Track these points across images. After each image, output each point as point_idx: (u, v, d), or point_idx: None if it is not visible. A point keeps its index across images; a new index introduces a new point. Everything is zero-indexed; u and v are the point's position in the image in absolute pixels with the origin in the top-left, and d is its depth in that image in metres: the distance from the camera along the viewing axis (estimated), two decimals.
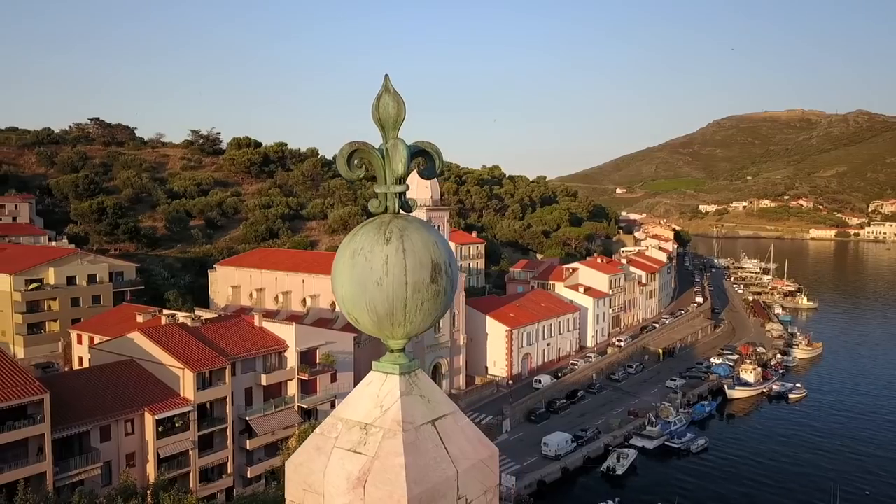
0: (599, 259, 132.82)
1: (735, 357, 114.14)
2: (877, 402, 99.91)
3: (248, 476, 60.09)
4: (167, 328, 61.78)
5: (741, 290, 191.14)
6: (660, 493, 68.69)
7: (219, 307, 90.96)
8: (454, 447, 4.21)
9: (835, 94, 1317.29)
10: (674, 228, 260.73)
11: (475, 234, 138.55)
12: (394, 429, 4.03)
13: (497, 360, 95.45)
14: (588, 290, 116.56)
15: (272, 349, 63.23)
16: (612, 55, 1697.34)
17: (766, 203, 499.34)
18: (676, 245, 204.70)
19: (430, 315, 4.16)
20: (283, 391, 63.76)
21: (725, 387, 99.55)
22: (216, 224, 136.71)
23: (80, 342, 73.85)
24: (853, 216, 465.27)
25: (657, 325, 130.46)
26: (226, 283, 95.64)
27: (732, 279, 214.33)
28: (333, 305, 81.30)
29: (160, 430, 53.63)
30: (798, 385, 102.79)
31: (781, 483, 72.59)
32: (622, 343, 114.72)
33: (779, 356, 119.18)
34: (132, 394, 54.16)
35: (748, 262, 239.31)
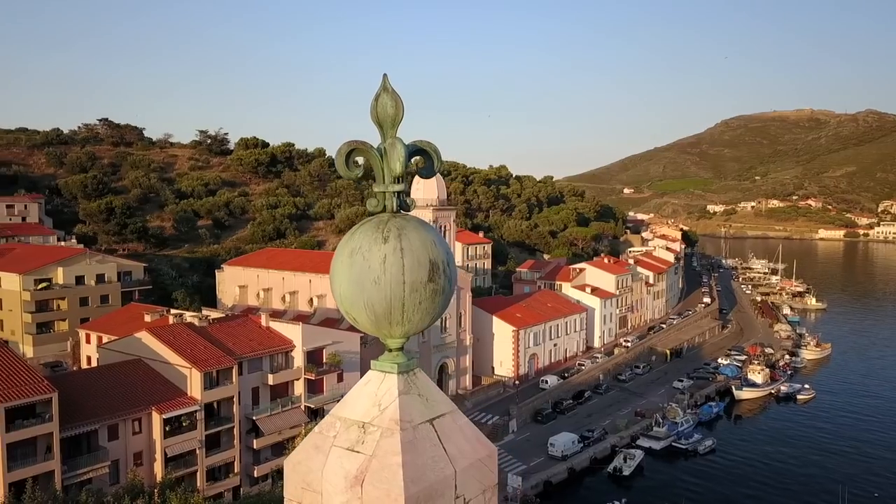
0: (606, 259, 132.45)
1: (743, 358, 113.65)
2: (886, 404, 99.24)
3: (255, 475, 60.27)
4: (175, 328, 62.01)
5: (749, 291, 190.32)
6: (667, 495, 68.48)
7: (226, 307, 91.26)
8: (452, 446, 4.21)
9: (844, 94, 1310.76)
10: (681, 229, 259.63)
11: (482, 235, 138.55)
12: (391, 428, 4.03)
13: (503, 361, 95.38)
14: (595, 291, 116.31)
15: (279, 349, 63.39)
16: (620, 55, 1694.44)
17: (775, 203, 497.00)
18: (684, 245, 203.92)
19: (429, 314, 4.16)
20: (290, 391, 63.92)
21: (733, 388, 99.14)
22: (224, 224, 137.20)
23: (89, 341, 74.26)
24: (862, 216, 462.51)
25: (664, 326, 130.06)
26: (233, 283, 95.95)
27: (740, 280, 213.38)
28: None
29: (167, 430, 53.85)
30: (806, 386, 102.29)
31: (789, 485, 72.25)
32: (629, 343, 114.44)
33: (787, 357, 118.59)
34: (140, 393, 54.40)
35: (756, 263, 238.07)
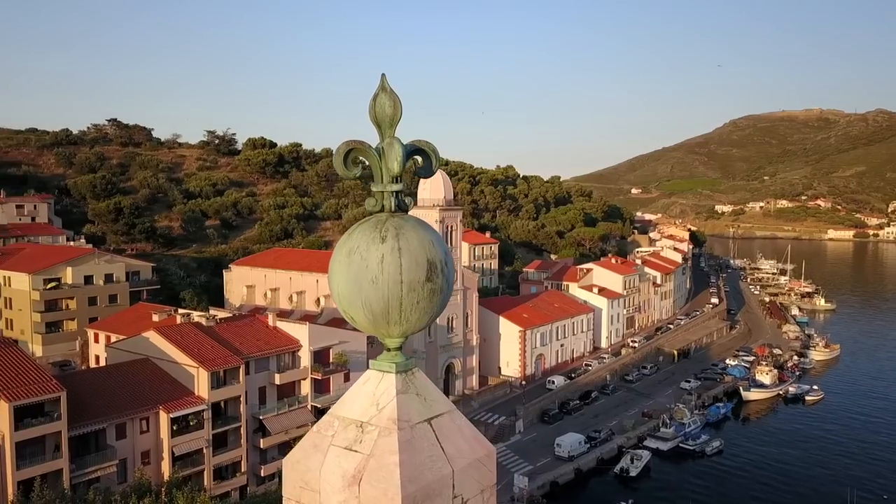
0: (614, 259, 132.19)
1: (751, 359, 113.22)
2: (895, 406, 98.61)
3: (262, 475, 60.47)
4: (182, 327, 62.28)
5: (757, 292, 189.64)
6: (674, 496, 68.32)
7: (233, 307, 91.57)
8: (450, 446, 4.21)
9: (854, 93, 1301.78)
10: (689, 229, 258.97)
11: (489, 235, 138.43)
12: (389, 427, 4.03)
13: (510, 361, 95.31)
14: (602, 291, 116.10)
15: (286, 349, 63.57)
16: (627, 55, 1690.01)
17: (784, 203, 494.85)
18: (692, 246, 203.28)
19: (426, 314, 4.16)
20: (297, 390, 64.10)
21: (741, 388, 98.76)
22: (231, 224, 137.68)
23: (97, 341, 74.69)
24: (872, 216, 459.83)
25: (672, 326, 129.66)
26: (241, 283, 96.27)
27: (749, 280, 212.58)
28: None
29: (175, 429, 54.10)
30: (815, 387, 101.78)
31: (797, 486, 71.91)
32: (636, 344, 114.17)
33: (795, 358, 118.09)
34: (147, 392, 54.66)
35: (765, 263, 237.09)
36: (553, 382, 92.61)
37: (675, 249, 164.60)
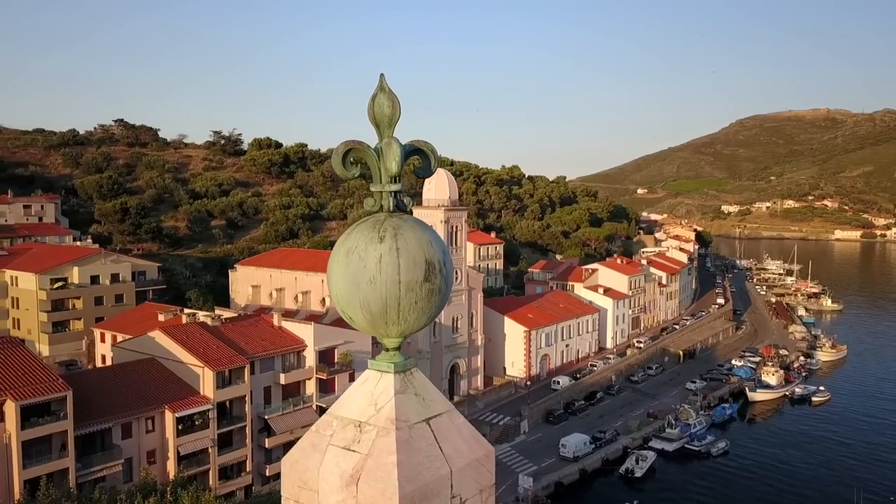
0: (619, 260, 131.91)
1: (757, 359, 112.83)
2: None
3: (267, 474, 60.55)
4: (188, 327, 62.43)
5: (764, 292, 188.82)
6: (679, 497, 68.13)
7: (239, 306, 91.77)
8: (449, 446, 4.21)
9: (861, 93, 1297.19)
10: (695, 229, 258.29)
11: (494, 235, 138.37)
12: (387, 427, 4.03)
13: (515, 361, 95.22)
14: (607, 291, 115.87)
15: (291, 348, 63.66)
16: (634, 55, 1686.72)
17: (790, 204, 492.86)
18: (698, 246, 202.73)
19: (425, 314, 4.16)
20: (302, 390, 64.18)
21: (747, 389, 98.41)
22: (237, 224, 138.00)
23: (103, 340, 74.95)
24: (880, 217, 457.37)
25: (677, 327, 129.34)
26: (246, 283, 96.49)
27: (755, 280, 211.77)
28: None
29: (180, 428, 54.21)
30: (821, 388, 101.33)
31: (803, 487, 71.60)
32: (642, 344, 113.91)
33: (802, 359, 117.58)
34: (153, 392, 54.82)
35: (771, 264, 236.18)
36: (558, 383, 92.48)
37: (681, 250, 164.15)
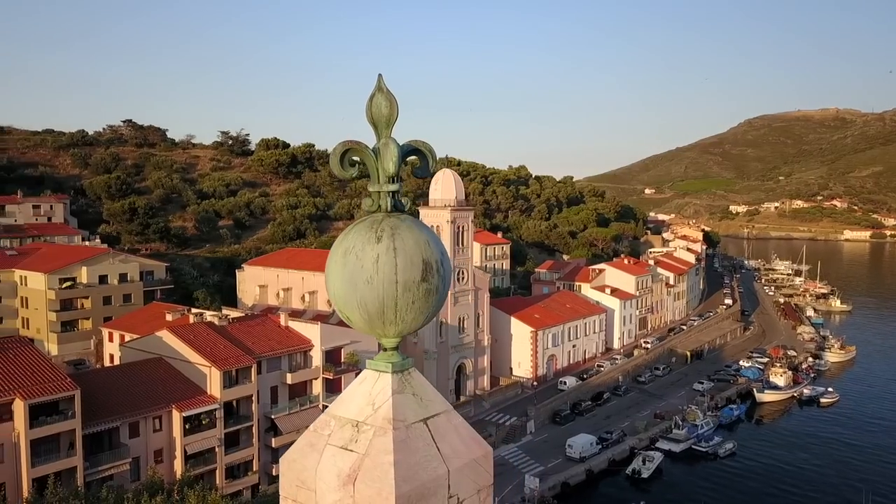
0: (626, 260, 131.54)
1: (765, 360, 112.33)
2: None
3: (273, 473, 60.67)
4: (195, 327, 62.66)
5: (772, 292, 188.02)
6: (685, 498, 67.91)
7: (246, 306, 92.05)
8: (446, 446, 4.21)
9: (870, 93, 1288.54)
10: (703, 229, 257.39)
11: (500, 235, 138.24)
12: (384, 427, 4.04)
13: (522, 362, 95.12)
14: (615, 292, 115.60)
15: (298, 348, 63.82)
16: (642, 55, 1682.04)
17: (799, 204, 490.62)
18: (705, 246, 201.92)
19: (422, 314, 4.17)
20: (308, 390, 64.34)
21: (755, 390, 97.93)
22: (244, 224, 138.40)
23: (111, 340, 75.33)
24: (889, 217, 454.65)
25: (685, 327, 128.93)
26: (253, 283, 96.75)
27: (763, 281, 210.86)
28: None
29: (187, 427, 54.43)
30: (830, 389, 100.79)
31: (811, 489, 71.22)
32: (649, 345, 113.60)
33: (810, 359, 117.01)
34: (160, 391, 55.05)
35: (780, 264, 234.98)
36: (565, 383, 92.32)
37: (689, 250, 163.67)
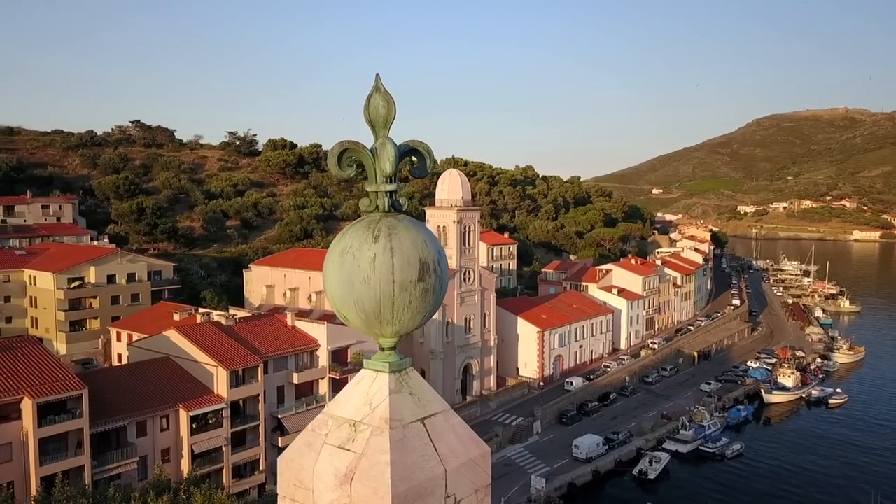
0: (633, 260, 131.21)
1: (773, 361, 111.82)
2: None
3: None
4: (202, 327, 62.87)
5: (780, 293, 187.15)
6: (692, 499, 67.62)
7: (253, 306, 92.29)
8: (443, 445, 4.21)
9: (880, 92, 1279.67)
10: (711, 229, 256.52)
11: (507, 235, 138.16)
12: (381, 426, 4.04)
13: (528, 362, 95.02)
14: (622, 292, 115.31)
15: (304, 348, 63.96)
16: (649, 54, 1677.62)
17: (808, 204, 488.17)
18: (713, 246, 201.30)
19: (419, 313, 4.17)
20: (315, 390, 64.45)
21: (762, 391, 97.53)
22: (252, 224, 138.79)
23: (119, 339, 75.71)
24: None
25: (692, 328, 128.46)
26: (260, 283, 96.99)
27: (771, 281, 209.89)
28: None
29: (194, 427, 54.63)
30: (839, 390, 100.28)
31: (819, 491, 70.83)
32: (656, 345, 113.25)
33: (819, 360, 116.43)
34: (168, 390, 55.27)
35: (788, 264, 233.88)
36: (571, 384, 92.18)
37: (696, 250, 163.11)
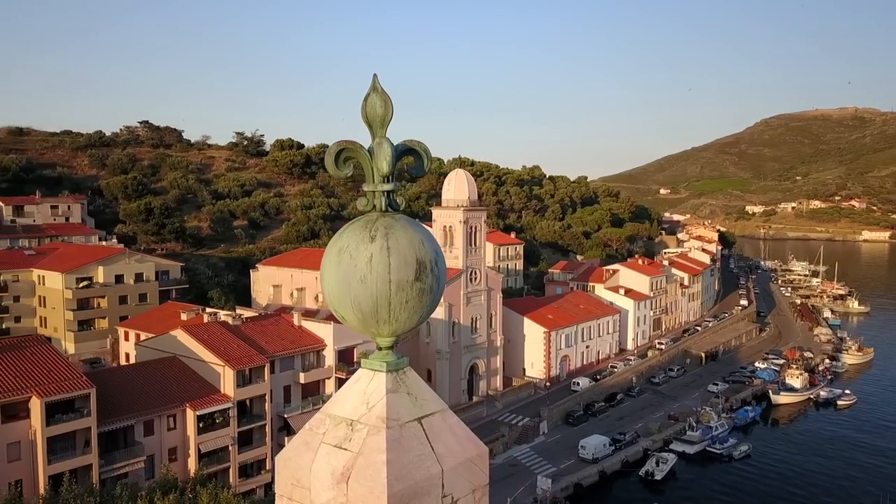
0: (641, 260, 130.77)
1: (781, 361, 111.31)
2: None
3: None
4: (209, 326, 63.08)
5: (788, 293, 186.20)
6: (700, 500, 67.41)
7: (260, 306, 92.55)
8: (441, 445, 4.21)
9: (890, 92, 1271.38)
10: (718, 230, 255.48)
11: (514, 235, 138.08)
12: (378, 426, 4.05)
13: (535, 362, 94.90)
14: (629, 292, 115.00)
15: (310, 348, 64.09)
16: (657, 54, 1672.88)
17: (817, 204, 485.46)
18: (721, 247, 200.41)
19: (416, 313, 4.18)
20: (321, 389, 64.57)
21: (770, 392, 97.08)
22: (259, 224, 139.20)
23: (127, 339, 76.03)
24: None
25: (699, 328, 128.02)
26: (267, 283, 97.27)
27: (779, 282, 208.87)
28: None
29: (201, 426, 54.79)
30: (847, 391, 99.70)
31: (827, 493, 70.46)
32: (663, 346, 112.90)
33: (827, 361, 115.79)
34: (175, 390, 55.49)
35: (796, 265, 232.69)
36: (578, 384, 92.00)
37: (704, 250, 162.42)
